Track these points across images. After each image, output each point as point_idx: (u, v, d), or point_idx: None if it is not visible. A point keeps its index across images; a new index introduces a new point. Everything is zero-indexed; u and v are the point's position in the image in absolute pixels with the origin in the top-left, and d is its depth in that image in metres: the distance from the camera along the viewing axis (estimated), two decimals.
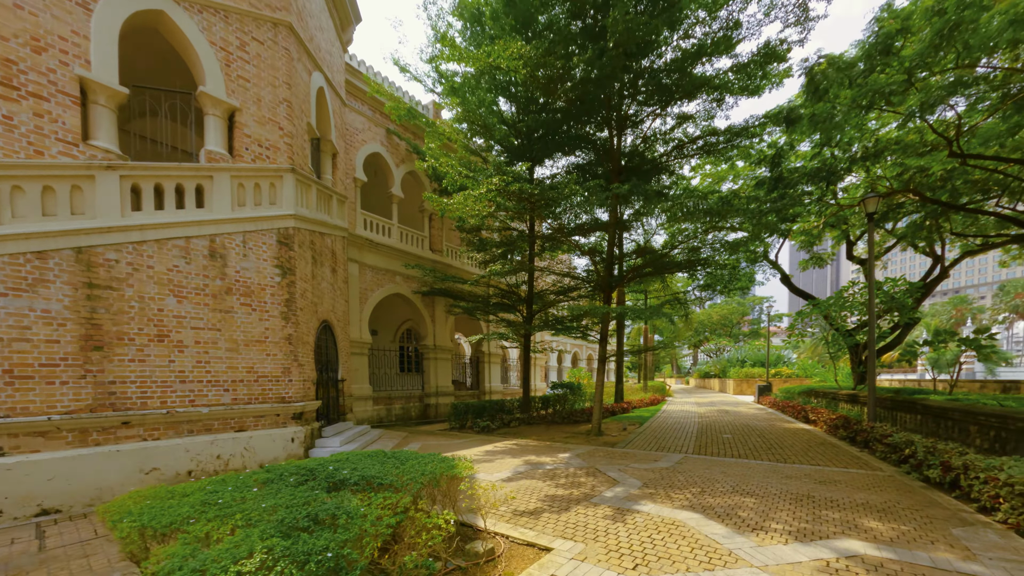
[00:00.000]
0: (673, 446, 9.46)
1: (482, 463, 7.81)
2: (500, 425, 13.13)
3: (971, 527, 4.40)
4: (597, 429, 11.40)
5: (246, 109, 7.51)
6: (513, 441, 10.41)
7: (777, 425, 12.69)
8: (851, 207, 12.28)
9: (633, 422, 14.07)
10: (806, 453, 8.46)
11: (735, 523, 4.56)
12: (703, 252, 10.82)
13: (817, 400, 15.67)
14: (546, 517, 4.83)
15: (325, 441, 8.84)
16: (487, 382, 18.90)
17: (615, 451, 8.92)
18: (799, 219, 12.68)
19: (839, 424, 10.32)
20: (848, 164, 9.38)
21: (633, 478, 6.51)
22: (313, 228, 9.03)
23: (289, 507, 2.67)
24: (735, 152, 11.99)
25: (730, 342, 48.44)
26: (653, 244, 12.37)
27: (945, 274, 16.84)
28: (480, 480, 6.53)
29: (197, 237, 6.98)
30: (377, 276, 14.05)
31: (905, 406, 9.39)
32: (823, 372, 28.34)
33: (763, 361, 31.89)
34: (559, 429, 12.59)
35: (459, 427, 13.04)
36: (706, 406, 20.04)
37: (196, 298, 7.01)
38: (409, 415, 15.29)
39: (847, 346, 15.59)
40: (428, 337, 15.97)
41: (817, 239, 15.55)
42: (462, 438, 11.08)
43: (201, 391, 7.09)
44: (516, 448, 9.38)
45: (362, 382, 13.46)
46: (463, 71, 10.18)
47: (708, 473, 6.84)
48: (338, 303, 10.64)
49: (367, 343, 13.57)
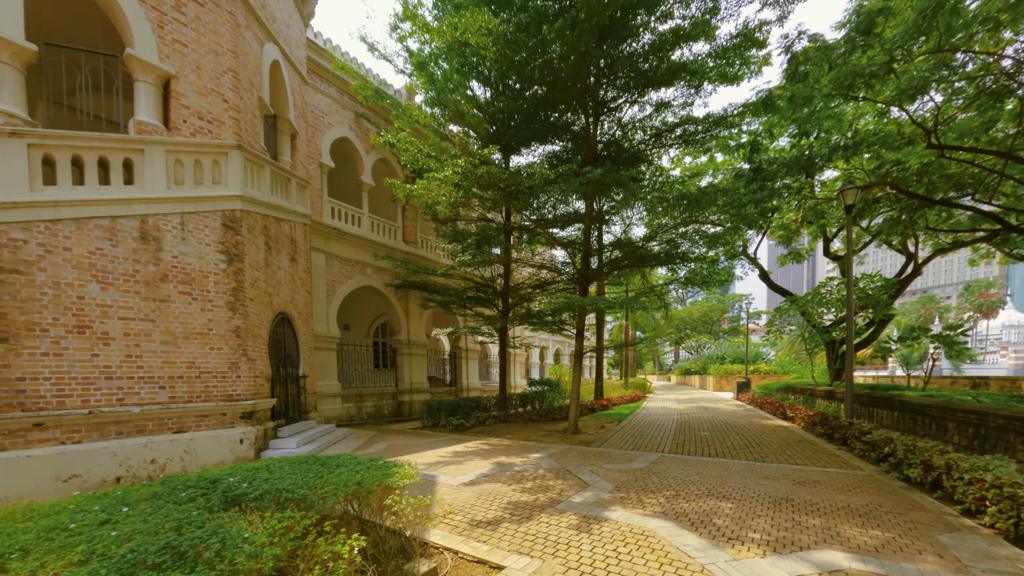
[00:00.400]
0: (650, 444, 9.10)
1: (447, 465, 7.28)
2: (475, 423, 12.62)
3: (958, 533, 4.08)
4: (574, 427, 10.99)
5: (184, 77, 6.77)
6: (485, 440, 9.92)
7: (755, 422, 12.51)
8: (829, 200, 12.12)
9: (612, 419, 13.74)
10: (784, 451, 8.19)
11: (710, 532, 4.15)
12: (682, 245, 10.48)
13: (795, 396, 15.63)
14: (504, 528, 4.34)
15: (280, 442, 8.19)
16: (464, 378, 18.36)
17: (590, 451, 8.50)
18: (777, 213, 12.48)
19: (817, 421, 10.14)
20: (827, 153, 9.14)
21: (605, 481, 6.08)
22: (267, 212, 8.33)
23: (150, 534, 2.10)
24: (714, 143, 11.69)
25: (710, 339, 48.95)
26: (632, 237, 12.00)
27: (918, 271, 17.00)
28: (441, 484, 6.01)
29: (125, 217, 6.24)
30: (346, 267, 13.34)
31: (882, 402, 9.24)
32: (800, 369, 28.70)
33: (742, 358, 32.15)
34: (536, 427, 12.15)
35: (432, 425, 12.48)
36: (686, 403, 19.92)
37: (125, 285, 6.27)
38: (382, 413, 14.65)
39: (824, 342, 15.59)
40: (402, 332, 15.32)
41: (795, 234, 15.45)
42: (432, 437, 10.54)
43: (132, 388, 6.37)
44: (487, 448, 8.88)
45: (330, 378, 12.76)
46: (432, 48, 9.55)
47: (684, 474, 6.46)
48: (299, 294, 9.95)
49: (335, 338, 12.88)
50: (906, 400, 8.28)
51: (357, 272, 13.70)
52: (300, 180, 9.87)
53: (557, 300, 8.57)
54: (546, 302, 12.88)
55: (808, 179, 9.84)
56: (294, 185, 9.59)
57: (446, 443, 9.63)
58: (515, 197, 10.80)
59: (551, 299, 9.30)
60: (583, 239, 10.69)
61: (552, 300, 10.20)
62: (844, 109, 9.73)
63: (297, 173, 9.81)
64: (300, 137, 10.32)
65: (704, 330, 49.50)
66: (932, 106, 8.26)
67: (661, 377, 51.93)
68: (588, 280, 10.54)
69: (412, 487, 5.87)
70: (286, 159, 9.75)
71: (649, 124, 10.59)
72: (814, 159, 9.23)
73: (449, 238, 12.80)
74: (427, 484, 6.03)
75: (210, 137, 7.07)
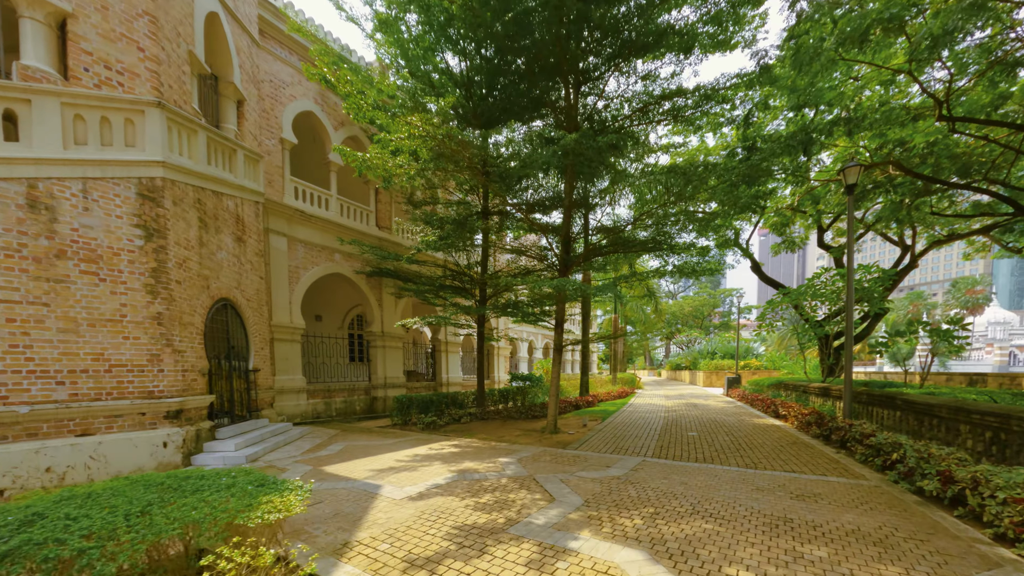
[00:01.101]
0: (633, 446, 8.27)
1: (400, 472, 6.38)
2: (449, 421, 11.73)
3: (1000, 571, 3.26)
4: (552, 426, 10.15)
5: (84, 17, 5.69)
6: (455, 441, 9.03)
7: (746, 421, 11.76)
8: (828, 182, 11.27)
9: (596, 417, 12.93)
10: (778, 455, 7.40)
11: (692, 569, 3.29)
12: (670, 230, 9.60)
13: (787, 393, 14.93)
14: (446, 567, 3.44)
15: (218, 445, 7.22)
16: (444, 373, 17.44)
17: (566, 454, 7.65)
18: (771, 199, 11.61)
19: (812, 420, 9.38)
20: (828, 127, 8.28)
21: (575, 494, 5.21)
22: (201, 184, 7.29)
23: None
24: (705, 121, 10.78)
25: (701, 334, 48.47)
26: (618, 222, 11.08)
27: (914, 263, 16.36)
28: (381, 499, 5.10)
29: (6, 180, 5.19)
30: (311, 253, 12.31)
31: (883, 401, 8.48)
32: (791, 364, 28.17)
33: (733, 353, 31.58)
34: (514, 426, 11.29)
35: (402, 423, 11.57)
36: (675, 399, 19.20)
37: (7, 262, 5.24)
38: (353, 409, 13.70)
39: (817, 337, 14.89)
40: (375, 323, 14.35)
41: (790, 220, 14.65)
42: (399, 436, 9.63)
43: (19, 384, 5.37)
44: (454, 451, 7.99)
45: (292, 372, 11.78)
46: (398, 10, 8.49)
47: (666, 485, 5.62)
48: (248, 279, 8.93)
49: (299, 329, 11.88)
50: (911, 399, 7.50)
51: (324, 258, 12.67)
52: (250, 153, 8.82)
53: (527, 282, 7.67)
54: (523, 291, 11.97)
55: (805, 160, 8.99)
56: (241, 157, 8.54)
57: (411, 444, 8.72)
58: (493, 179, 9.85)
59: (523, 282, 8.39)
60: (563, 222, 9.77)
61: (524, 283, 9.29)
62: (846, 84, 8.89)
63: (245, 144, 8.75)
64: (250, 105, 9.24)
65: (695, 325, 49.00)
66: (944, 74, 7.42)
67: (652, 372, 51.45)
68: (568, 267, 9.64)
69: (346, 501, 4.97)
70: (230, 127, 8.68)
71: (634, 94, 9.64)
72: (812, 134, 8.36)
73: (422, 222, 11.79)
74: (364, 498, 5.12)
75: (121, 91, 6.01)
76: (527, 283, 7.70)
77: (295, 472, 6.50)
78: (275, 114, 11.24)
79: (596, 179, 10.19)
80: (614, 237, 10.48)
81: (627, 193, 10.29)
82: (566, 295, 9.08)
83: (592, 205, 11.41)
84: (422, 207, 12.17)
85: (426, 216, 11.48)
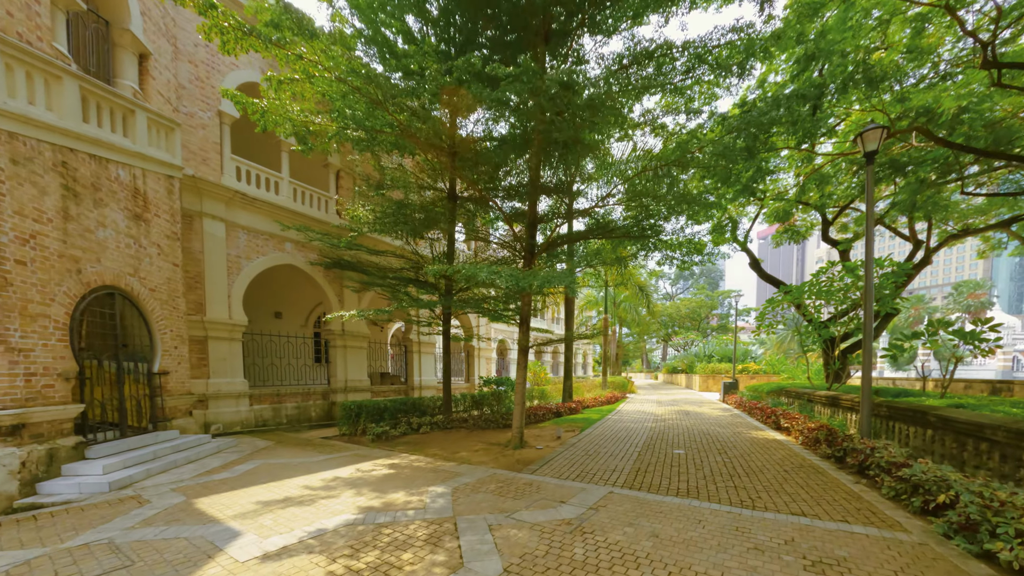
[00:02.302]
0: (604, 469, 6.67)
1: (290, 508, 4.81)
2: (407, 431, 10.16)
3: None
4: (517, 440, 8.57)
5: None
6: (397, 459, 7.46)
7: (743, 434, 10.11)
8: (840, 157, 9.56)
9: (575, 427, 11.33)
10: (783, 485, 5.77)
11: None
12: (656, 206, 8.02)
13: (788, 401, 13.27)
14: None
15: (83, 466, 5.70)
16: (417, 376, 15.87)
17: (518, 479, 6.06)
18: (771, 175, 9.96)
19: (821, 437, 7.74)
20: (842, 85, 6.69)
21: (496, 554, 3.63)
22: (71, 144, 5.79)
23: None
24: (697, 92, 9.18)
25: (698, 336, 46.63)
26: (603, 206, 9.50)
27: (928, 259, 14.72)
28: (222, 560, 3.53)
29: None
30: (256, 241, 10.80)
31: (910, 416, 6.84)
32: (791, 368, 26.38)
33: (730, 356, 29.83)
34: (479, 437, 9.71)
35: (350, 434, 10.00)
36: (667, 405, 17.53)
37: None
38: (308, 416, 12.15)
39: (822, 339, 13.22)
40: (334, 320, 12.80)
41: (792, 207, 13.01)
42: (337, 451, 8.07)
43: None
44: (386, 472, 6.43)
45: (232, 375, 10.26)
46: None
47: (629, 538, 4.02)
48: (154, 265, 7.42)
49: (239, 325, 10.36)
50: (949, 416, 5.87)
51: (273, 247, 11.16)
52: (159, 118, 7.33)
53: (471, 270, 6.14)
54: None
55: (814, 115, 7.35)
56: (143, 121, 7.05)
57: (343, 461, 7.16)
58: (462, 161, 8.34)
59: (463, 267, 6.83)
60: (529, 204, 8.21)
61: (461, 267, 7.72)
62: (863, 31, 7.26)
63: (150, 107, 7.25)
64: (160, 63, 7.76)
65: (692, 327, 47.19)
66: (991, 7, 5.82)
67: (648, 375, 49.62)
68: (533, 254, 8.08)
69: (165, 567, 3.40)
70: (128, 83, 7.18)
71: (615, 56, 8.08)
72: (824, 88, 6.77)
73: (362, 198, 10.19)
74: (196, 559, 3.55)
75: None
76: (463, 271, 6.18)
77: (159, 505, 4.95)
78: (211, 83, 9.76)
79: (572, 158, 8.63)
80: (593, 222, 8.92)
81: (613, 181, 8.73)
82: (530, 289, 7.51)
83: (575, 193, 9.82)
84: (379, 191, 10.64)
85: (364, 192, 9.91)
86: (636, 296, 25.31)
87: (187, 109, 9.42)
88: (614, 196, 8.57)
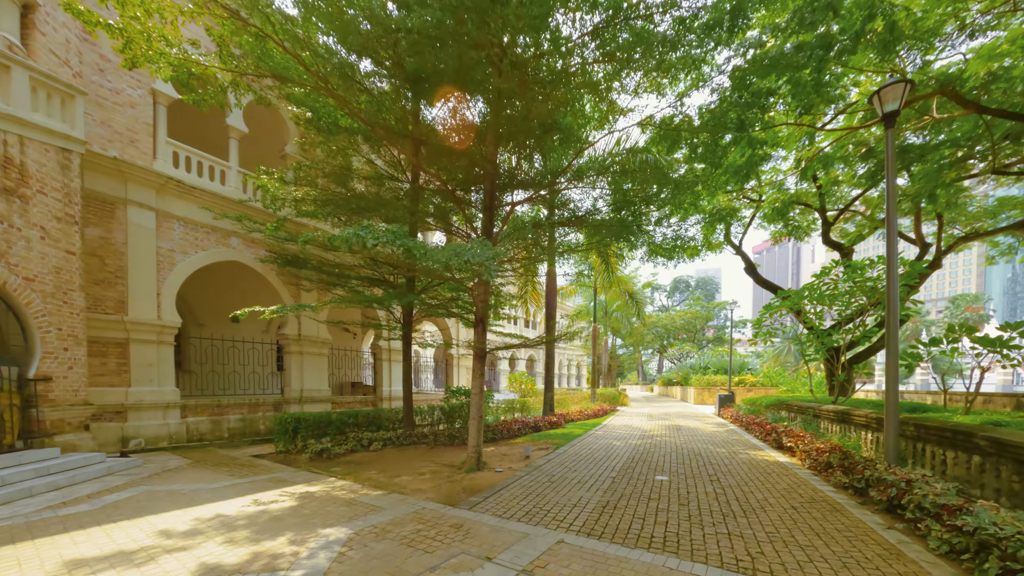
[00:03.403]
0: (563, 503, 5.16)
1: (108, 569, 3.34)
2: (355, 448, 8.65)
3: None
4: (474, 461, 7.08)
5: None
6: (318, 486, 5.97)
7: (740, 455, 8.55)
8: (849, 131, 8.16)
9: (551, 443, 9.79)
10: (792, 532, 4.26)
11: None
12: (639, 187, 6.68)
13: (790, 416, 11.70)
14: None
15: None
16: (387, 385, 14.36)
17: (448, 517, 4.56)
18: (768, 160, 8.60)
19: (834, 462, 6.21)
20: (854, 38, 5.41)
21: None
22: None
23: None
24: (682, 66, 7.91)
25: (694, 348, 44.86)
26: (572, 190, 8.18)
27: (938, 263, 13.32)
28: None
29: None
30: (195, 234, 9.50)
31: (947, 438, 5.33)
32: (790, 381, 24.67)
33: (727, 368, 28.16)
34: (435, 456, 8.21)
35: (287, 451, 8.48)
36: (658, 420, 15.90)
37: None
38: (254, 429, 10.62)
39: (826, 348, 11.70)
40: (290, 324, 11.41)
41: (790, 205, 11.71)
42: (254, 473, 6.57)
43: None
44: (288, 507, 4.94)
45: (159, 383, 8.84)
46: None
47: None
48: (35, 252, 6.08)
49: (170, 327, 8.98)
50: (1006, 440, 4.38)
51: (215, 242, 9.84)
52: (45, 79, 6.10)
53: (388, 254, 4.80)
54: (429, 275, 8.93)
55: (818, 75, 6.03)
56: (25, 81, 5.82)
57: (246, 489, 5.67)
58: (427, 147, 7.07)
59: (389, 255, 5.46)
60: (485, 183, 6.89)
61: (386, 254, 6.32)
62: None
63: (37, 66, 6.02)
64: (52, 17, 6.54)
65: (688, 339, 45.45)
66: None
67: (644, 388, 47.67)
68: (492, 240, 6.71)
69: None
70: (5, 35, 5.95)
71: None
72: (833, 43, 5.49)
73: (295, 174, 8.79)
74: None
75: None
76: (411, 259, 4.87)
77: None
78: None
79: (547, 144, 7.33)
80: (562, 205, 7.58)
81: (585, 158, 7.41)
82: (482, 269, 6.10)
83: (547, 182, 8.48)
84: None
85: (295, 170, 8.58)
86: (627, 305, 23.86)
87: (112, 84, 8.25)
88: (587, 177, 7.23)
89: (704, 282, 64.88)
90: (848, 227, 16.73)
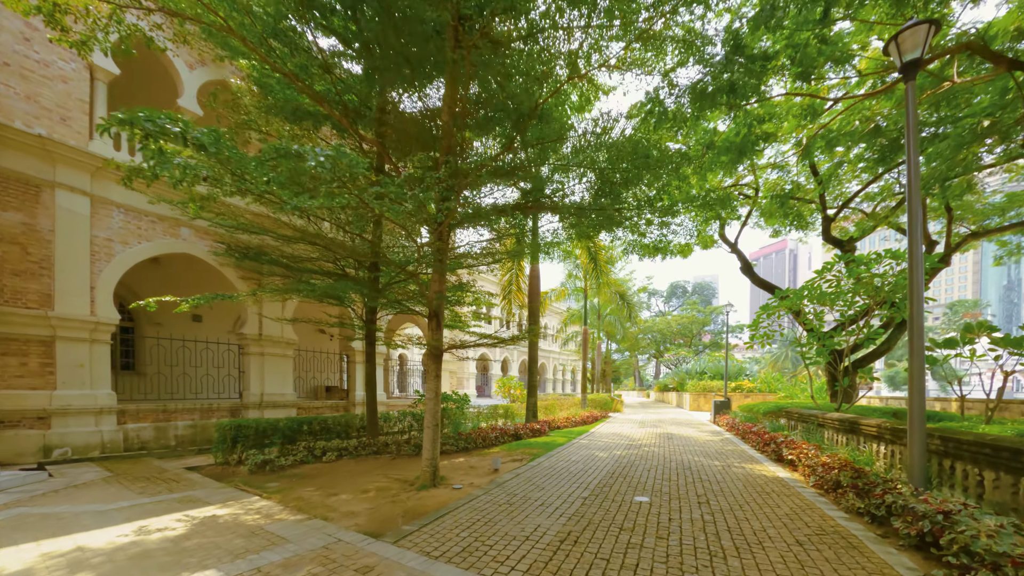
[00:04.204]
0: (516, 534, 4.12)
1: None
2: (305, 458, 7.62)
3: None
4: (428, 477, 6.07)
5: None
6: (232, 508, 4.94)
7: (735, 469, 7.49)
8: (858, 98, 7.14)
9: (528, 454, 8.76)
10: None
11: None
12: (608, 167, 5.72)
13: (790, 424, 10.62)
14: None
15: None
16: (359, 389, 13.32)
17: (360, 558, 3.54)
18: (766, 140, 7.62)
19: (844, 481, 5.17)
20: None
21: None
22: None
23: None
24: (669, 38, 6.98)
25: (690, 353, 43.63)
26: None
27: (947, 260, 12.35)
28: None
29: None
30: (139, 223, 8.57)
31: (985, 455, 4.29)
32: (788, 387, 23.52)
33: (723, 373, 26.99)
34: (392, 469, 7.18)
35: (224, 463, 7.43)
36: (649, 427, 14.80)
37: None
38: (206, 437, 9.57)
39: (828, 351, 10.65)
40: (250, 323, 10.44)
41: (790, 196, 10.77)
42: (171, 491, 5.54)
43: None
44: (172, 536, 3.93)
45: (91, 386, 7.85)
46: None
47: None
48: None
49: (106, 324, 8.01)
50: None
51: (163, 232, 8.91)
52: None
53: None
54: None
55: (823, 29, 5.11)
56: None
57: (141, 512, 4.64)
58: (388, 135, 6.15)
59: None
60: (441, 148, 5.94)
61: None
62: None
63: None
64: None
65: (684, 344, 44.24)
66: None
67: (640, 393, 46.34)
68: (439, 222, 5.75)
69: None
70: None
71: None
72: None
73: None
74: None
75: None
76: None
77: None
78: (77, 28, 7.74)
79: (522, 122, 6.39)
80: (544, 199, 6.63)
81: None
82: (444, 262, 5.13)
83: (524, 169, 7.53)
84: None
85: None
86: (619, 308, 22.84)
87: (40, 56, 7.39)
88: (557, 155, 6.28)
89: (701, 287, 63.80)
90: (848, 227, 15.82)
